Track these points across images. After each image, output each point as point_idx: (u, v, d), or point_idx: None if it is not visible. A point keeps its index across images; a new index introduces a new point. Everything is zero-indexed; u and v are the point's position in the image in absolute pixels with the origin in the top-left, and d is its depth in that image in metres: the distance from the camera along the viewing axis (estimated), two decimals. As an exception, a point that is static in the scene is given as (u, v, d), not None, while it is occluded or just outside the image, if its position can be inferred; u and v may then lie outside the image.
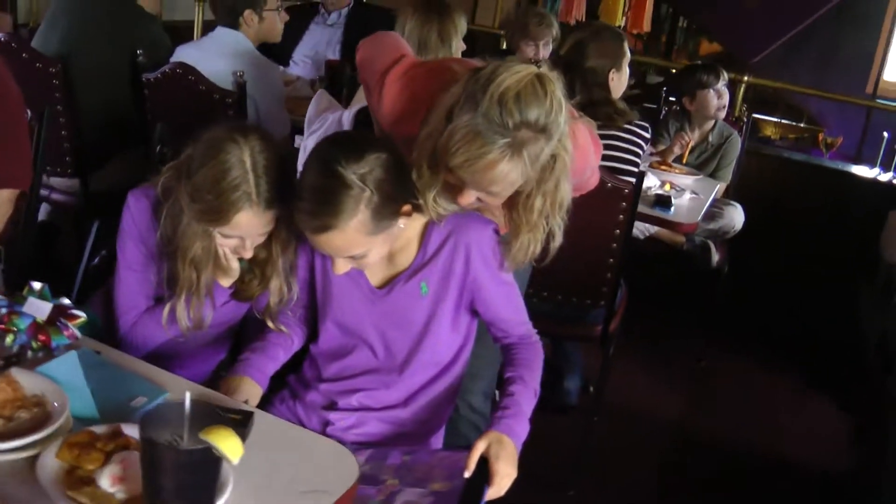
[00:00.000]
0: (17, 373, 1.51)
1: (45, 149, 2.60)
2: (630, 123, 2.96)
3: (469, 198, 1.74)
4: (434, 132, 1.71)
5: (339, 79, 3.85)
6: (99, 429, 1.42)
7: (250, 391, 1.82)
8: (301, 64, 4.62)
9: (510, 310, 1.94)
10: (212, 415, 1.17)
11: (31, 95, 2.67)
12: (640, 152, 2.97)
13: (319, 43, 4.62)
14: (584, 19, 5.51)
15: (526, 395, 1.82)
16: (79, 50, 3.38)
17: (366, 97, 2.19)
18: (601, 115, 2.89)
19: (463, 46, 3.15)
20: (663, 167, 3.74)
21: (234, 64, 3.23)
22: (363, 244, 1.70)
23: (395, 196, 1.70)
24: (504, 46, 4.51)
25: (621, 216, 2.77)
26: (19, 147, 2.38)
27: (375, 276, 1.91)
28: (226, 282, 1.92)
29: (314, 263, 1.95)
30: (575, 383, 3.46)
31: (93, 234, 2.21)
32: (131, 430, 1.40)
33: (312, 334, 2.03)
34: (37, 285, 1.70)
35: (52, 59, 3.25)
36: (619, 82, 2.99)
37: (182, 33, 3.68)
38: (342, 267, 1.76)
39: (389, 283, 1.90)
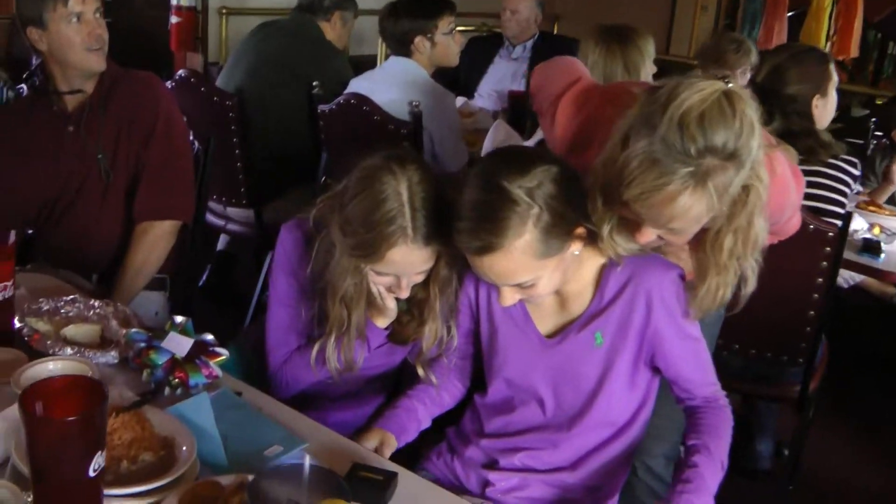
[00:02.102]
0: (149, 411, 1.42)
1: (209, 179, 2.57)
2: (836, 157, 2.63)
3: (648, 235, 1.52)
4: (608, 160, 1.51)
5: (521, 109, 3.70)
6: (225, 479, 1.29)
7: (382, 439, 1.68)
8: (486, 97, 4.53)
9: (695, 367, 1.70)
10: (332, 481, 1.00)
11: (208, 129, 2.67)
12: (847, 191, 2.64)
13: (504, 76, 4.52)
14: (785, 46, 5.13)
15: (711, 468, 1.59)
16: (257, 84, 3.41)
17: (540, 125, 2.02)
18: (801, 147, 2.58)
19: (653, 69, 2.92)
20: (871, 208, 3.35)
21: (407, 93, 3.14)
22: (531, 269, 1.51)
23: (567, 215, 1.51)
24: (698, 77, 4.22)
25: (824, 263, 2.46)
26: (182, 180, 2.36)
27: (546, 325, 1.72)
28: (382, 322, 1.78)
29: (478, 312, 1.78)
30: (767, 446, 3.12)
31: (266, 266, 2.14)
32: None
33: (479, 385, 1.86)
34: (179, 319, 1.62)
35: (228, 94, 3.28)
36: (824, 110, 2.66)
37: (367, 67, 3.66)
38: (509, 298, 1.57)
39: (561, 332, 1.70)
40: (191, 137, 2.47)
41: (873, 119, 4.09)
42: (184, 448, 1.34)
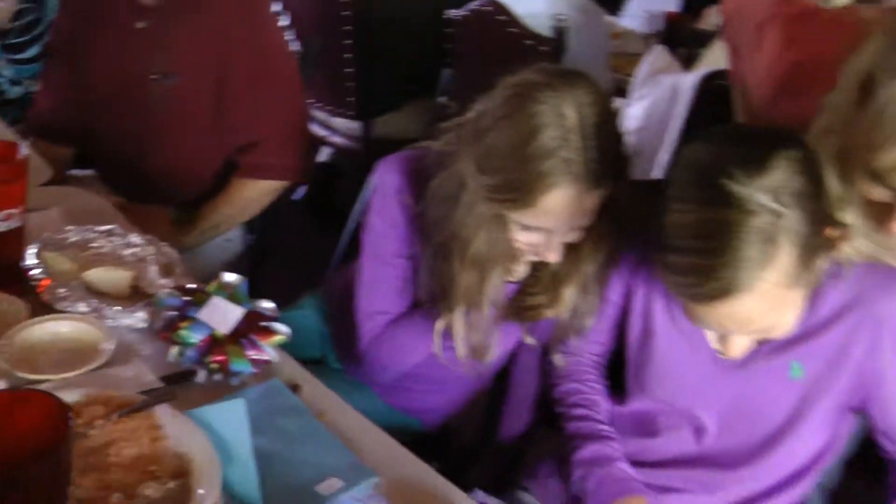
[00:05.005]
0: (164, 413, 1.03)
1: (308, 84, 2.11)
2: None
3: None
4: (840, 117, 1.09)
5: (678, 36, 3.16)
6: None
7: None
8: (633, 17, 3.93)
9: None
10: None
11: (317, 26, 2.22)
12: None
13: (660, -6, 3.95)
14: None
15: None
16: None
17: (730, 59, 1.53)
18: None
19: None
20: None
21: (554, 4, 2.67)
22: (785, 305, 1.08)
23: (823, 217, 1.07)
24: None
25: None
26: (285, 125, 1.90)
27: None
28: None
29: (631, 301, 1.33)
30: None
31: (359, 205, 1.71)
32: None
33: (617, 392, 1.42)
34: (229, 278, 1.22)
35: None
36: None
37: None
38: (739, 345, 1.19)
39: (745, 355, 1.25)
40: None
41: None
42: (200, 491, 0.94)
